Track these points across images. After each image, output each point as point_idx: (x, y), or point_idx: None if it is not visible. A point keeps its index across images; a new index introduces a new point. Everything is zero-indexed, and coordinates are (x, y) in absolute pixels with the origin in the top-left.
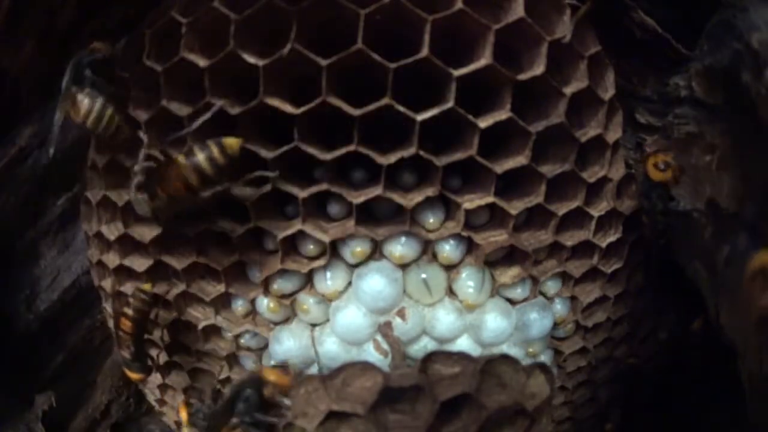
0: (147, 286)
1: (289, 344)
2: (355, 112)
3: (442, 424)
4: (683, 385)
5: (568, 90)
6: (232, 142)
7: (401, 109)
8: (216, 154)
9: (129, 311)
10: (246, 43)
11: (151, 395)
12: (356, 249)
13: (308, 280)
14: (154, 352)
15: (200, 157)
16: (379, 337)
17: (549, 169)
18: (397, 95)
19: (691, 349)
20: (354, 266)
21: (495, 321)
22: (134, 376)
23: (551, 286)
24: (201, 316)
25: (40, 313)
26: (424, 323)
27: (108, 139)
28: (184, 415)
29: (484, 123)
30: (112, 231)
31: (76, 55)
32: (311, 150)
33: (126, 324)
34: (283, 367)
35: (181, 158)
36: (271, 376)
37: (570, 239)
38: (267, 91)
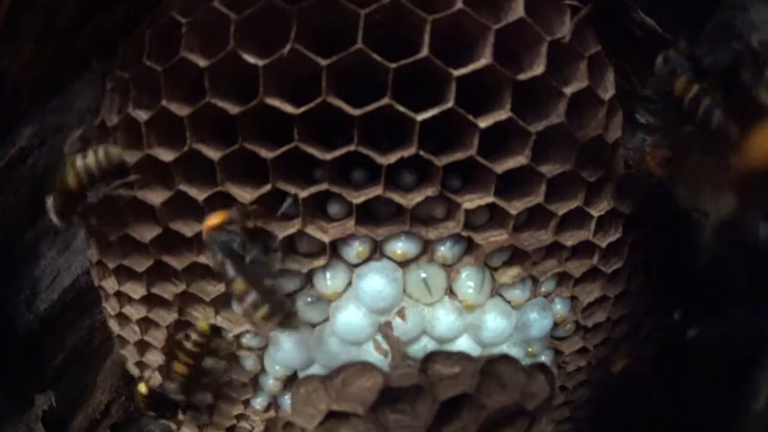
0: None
1: (289, 344)
2: (355, 112)
3: (442, 424)
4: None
5: (568, 90)
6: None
7: (401, 109)
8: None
9: (143, 401)
10: (246, 43)
11: None
12: (359, 249)
13: (308, 280)
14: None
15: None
16: (379, 337)
17: (549, 169)
18: (397, 95)
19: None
20: (354, 266)
21: (495, 321)
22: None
23: (551, 286)
24: (201, 316)
25: (40, 313)
26: (424, 323)
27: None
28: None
29: (484, 123)
30: None
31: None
32: (311, 150)
33: (142, 404)
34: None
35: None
36: (215, 219)
37: (570, 239)
38: (267, 91)
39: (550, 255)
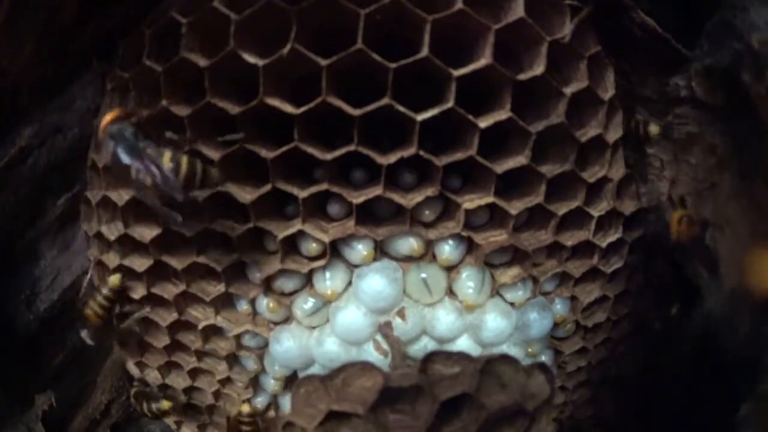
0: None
1: (289, 344)
2: (355, 112)
3: (442, 424)
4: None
5: (568, 90)
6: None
7: (401, 109)
8: None
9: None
10: (246, 43)
11: None
12: (363, 253)
13: (308, 280)
14: None
15: None
16: (379, 337)
17: (549, 169)
18: (397, 95)
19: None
20: (354, 266)
21: (495, 321)
22: None
23: (551, 286)
24: (201, 316)
25: (40, 313)
26: (424, 323)
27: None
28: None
29: (484, 123)
30: (112, 231)
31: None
32: (311, 150)
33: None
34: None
35: None
36: (108, 116)
37: (570, 239)
38: (267, 91)
39: (550, 255)
